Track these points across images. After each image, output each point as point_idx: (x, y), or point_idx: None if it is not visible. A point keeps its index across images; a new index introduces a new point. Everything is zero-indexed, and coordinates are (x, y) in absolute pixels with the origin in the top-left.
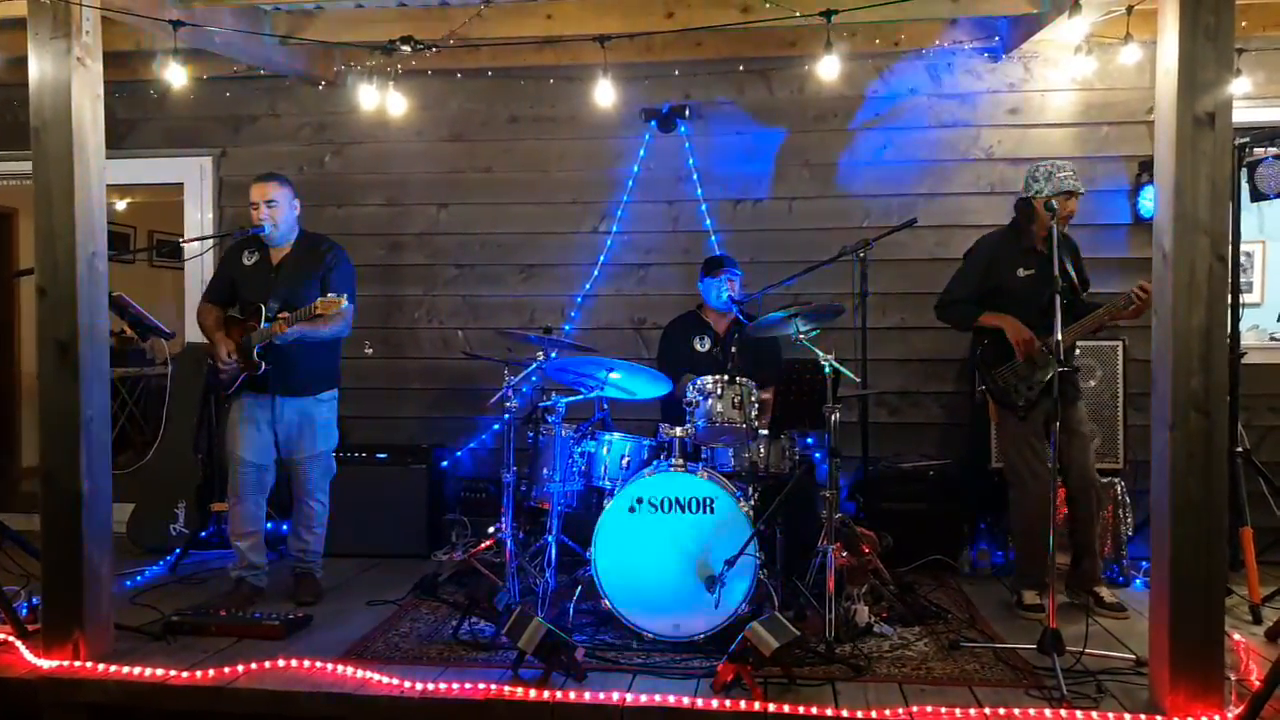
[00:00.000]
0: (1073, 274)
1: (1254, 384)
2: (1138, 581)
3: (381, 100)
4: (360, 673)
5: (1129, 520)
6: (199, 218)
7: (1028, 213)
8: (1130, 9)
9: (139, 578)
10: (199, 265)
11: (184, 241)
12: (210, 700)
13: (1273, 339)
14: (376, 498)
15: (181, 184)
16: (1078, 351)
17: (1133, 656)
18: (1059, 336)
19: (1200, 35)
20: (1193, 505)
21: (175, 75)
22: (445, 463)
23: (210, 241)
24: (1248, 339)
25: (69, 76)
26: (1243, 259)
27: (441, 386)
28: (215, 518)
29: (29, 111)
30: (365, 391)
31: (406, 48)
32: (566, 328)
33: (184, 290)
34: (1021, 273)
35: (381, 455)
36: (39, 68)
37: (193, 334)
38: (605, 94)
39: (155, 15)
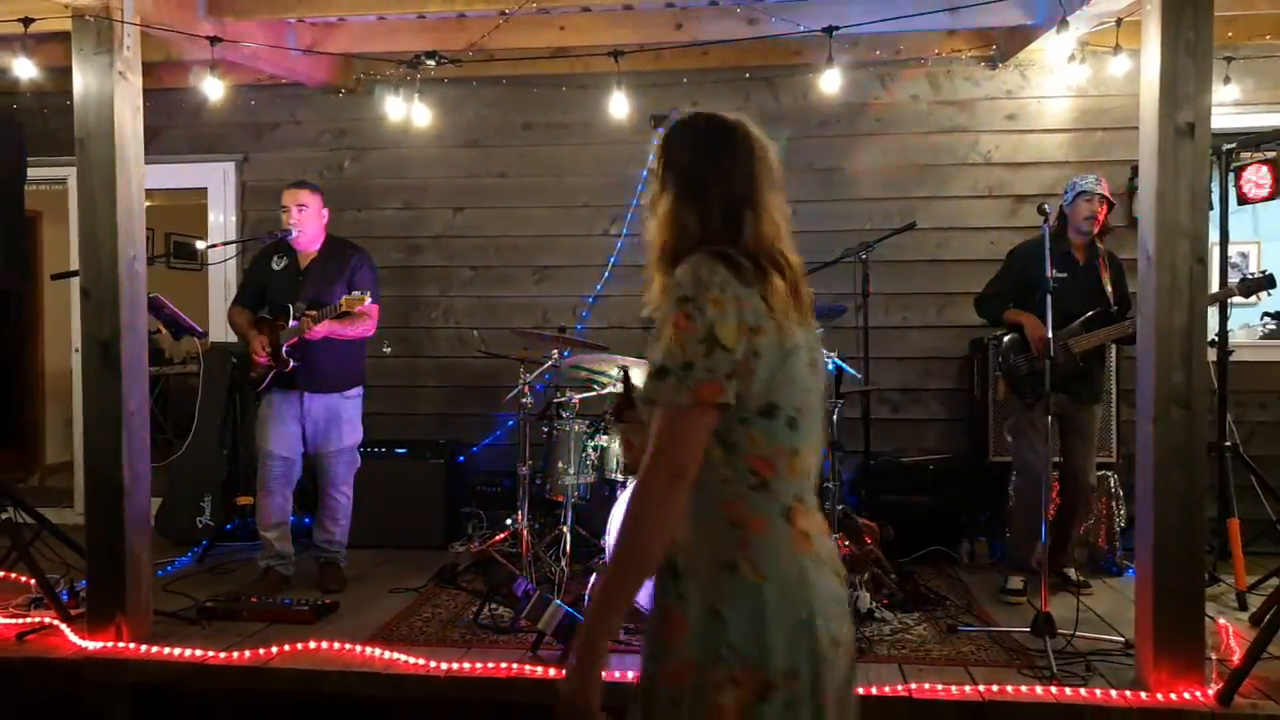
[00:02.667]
0: (1109, 287)
1: (1244, 380)
2: (1130, 571)
3: (408, 111)
4: (388, 654)
5: (1121, 512)
6: (221, 221)
7: (1061, 221)
8: (1119, 21)
9: (168, 568)
10: (222, 269)
11: (207, 246)
12: (247, 679)
13: (1266, 316)
14: (395, 491)
15: (204, 189)
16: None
17: (1122, 639)
18: (1049, 334)
19: (1181, 50)
20: (1174, 494)
21: (213, 89)
22: (461, 458)
23: (234, 246)
24: (1238, 337)
25: (111, 89)
26: (1238, 259)
27: (457, 384)
28: (240, 511)
29: (58, 119)
30: (384, 389)
31: (431, 62)
32: (578, 327)
33: (206, 293)
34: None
35: (401, 450)
36: (83, 81)
37: (217, 335)
38: (619, 106)
39: (192, 31)
